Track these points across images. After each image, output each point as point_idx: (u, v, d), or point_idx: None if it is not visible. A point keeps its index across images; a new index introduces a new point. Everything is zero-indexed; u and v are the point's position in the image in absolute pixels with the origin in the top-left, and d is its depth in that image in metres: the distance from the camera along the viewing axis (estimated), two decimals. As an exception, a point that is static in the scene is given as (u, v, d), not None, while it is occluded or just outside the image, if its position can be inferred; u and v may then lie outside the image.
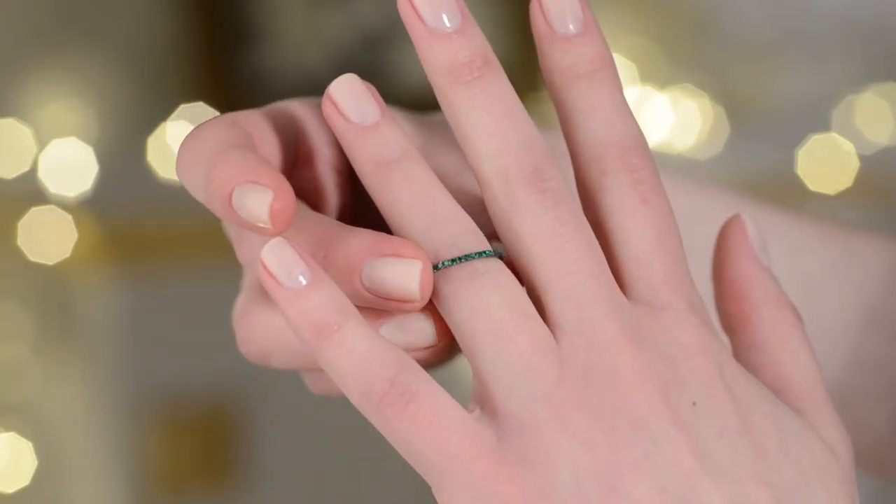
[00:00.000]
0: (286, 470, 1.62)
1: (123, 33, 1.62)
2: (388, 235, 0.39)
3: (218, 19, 1.63)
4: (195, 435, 1.61)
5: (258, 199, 0.39)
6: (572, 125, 0.42)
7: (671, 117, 1.71)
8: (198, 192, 0.42)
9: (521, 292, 0.39)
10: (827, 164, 1.76)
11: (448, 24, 0.40)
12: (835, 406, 0.42)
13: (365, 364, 0.38)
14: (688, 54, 1.77)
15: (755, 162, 1.74)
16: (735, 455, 0.38)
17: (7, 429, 1.58)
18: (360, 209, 0.45)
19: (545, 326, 0.39)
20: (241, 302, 0.45)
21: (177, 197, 1.54)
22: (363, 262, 0.39)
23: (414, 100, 1.65)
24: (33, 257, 1.56)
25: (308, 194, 0.45)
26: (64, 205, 1.53)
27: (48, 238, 1.55)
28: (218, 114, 1.75)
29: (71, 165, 1.54)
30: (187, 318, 1.56)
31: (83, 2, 1.62)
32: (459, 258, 0.39)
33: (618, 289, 0.39)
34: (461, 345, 0.40)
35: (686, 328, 0.39)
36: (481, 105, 0.40)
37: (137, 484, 1.60)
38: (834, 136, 1.76)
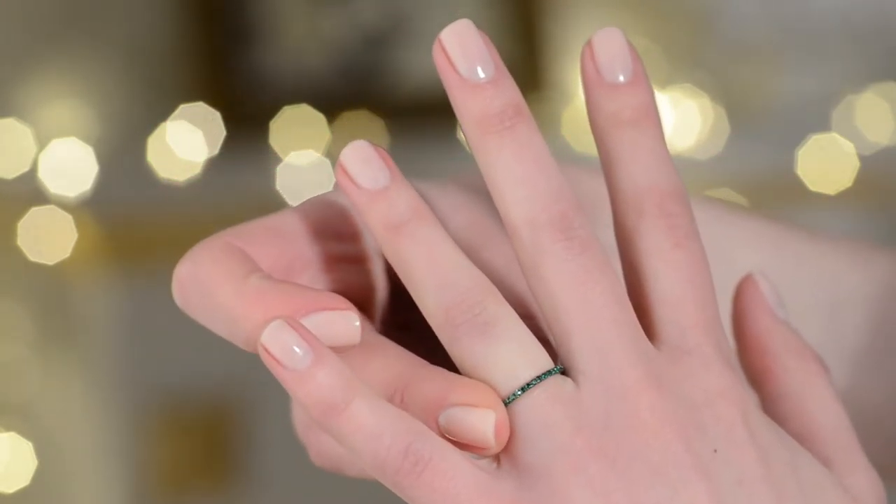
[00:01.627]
0: (286, 470, 1.62)
1: (123, 33, 1.62)
2: (463, 380, 0.40)
3: (218, 19, 1.63)
4: (195, 435, 1.61)
5: (343, 322, 0.41)
6: (613, 169, 0.42)
7: (671, 117, 1.71)
8: (220, 329, 0.42)
9: (534, 342, 0.40)
10: (827, 164, 1.76)
11: (482, 75, 0.41)
12: (864, 449, 0.42)
13: (375, 439, 0.39)
14: (688, 54, 1.77)
15: (755, 162, 1.74)
16: (754, 502, 0.38)
17: (7, 429, 1.58)
18: (400, 290, 0.46)
19: (567, 379, 0.39)
20: (304, 418, 0.46)
21: (177, 197, 1.54)
22: (439, 410, 0.39)
23: (413, 100, 1.65)
24: (33, 257, 1.56)
25: (355, 285, 0.45)
26: (64, 205, 1.53)
27: (48, 238, 1.55)
28: (218, 114, 1.74)
29: (71, 165, 1.54)
30: (187, 318, 1.55)
31: (83, 2, 1.62)
32: (519, 392, 0.39)
33: (642, 334, 0.40)
34: None
35: (711, 373, 0.40)
36: (511, 154, 0.41)
37: (137, 484, 1.60)
38: (834, 136, 1.76)
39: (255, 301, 0.41)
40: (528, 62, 1.68)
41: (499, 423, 0.39)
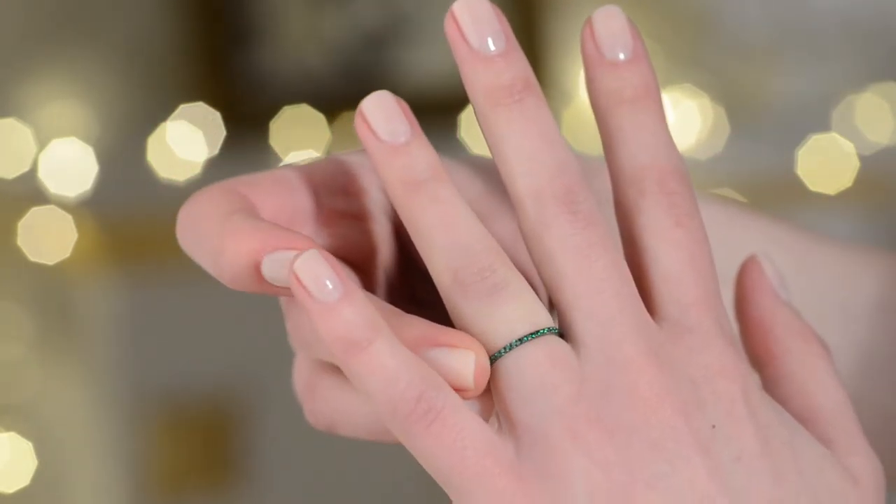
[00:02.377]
0: (286, 470, 1.62)
1: (123, 33, 1.62)
2: (442, 327, 0.40)
3: (218, 19, 1.63)
4: (195, 435, 1.61)
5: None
6: (614, 147, 0.42)
7: (671, 117, 1.71)
8: (206, 265, 0.42)
9: (540, 307, 0.40)
10: (827, 164, 1.76)
11: (492, 48, 0.41)
12: (866, 433, 0.42)
13: (392, 381, 0.39)
14: (688, 54, 1.77)
15: (755, 162, 1.74)
16: (752, 479, 0.38)
17: (7, 429, 1.58)
18: (412, 260, 0.46)
19: (565, 343, 0.39)
20: (304, 376, 0.46)
21: (177, 197, 1.54)
22: (418, 351, 0.40)
23: (413, 100, 1.65)
24: (33, 257, 1.56)
25: (358, 244, 0.45)
26: (64, 205, 1.53)
27: (48, 238, 1.55)
28: (218, 114, 1.74)
29: (71, 165, 1.54)
30: (187, 318, 1.56)
31: (83, 2, 1.62)
32: (515, 343, 0.39)
33: (644, 309, 0.40)
34: None
35: (712, 350, 0.40)
36: (519, 127, 0.41)
37: (137, 484, 1.60)
38: (834, 136, 1.76)
39: (230, 235, 0.41)
40: (529, 61, 1.68)
41: (479, 364, 0.39)
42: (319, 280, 0.38)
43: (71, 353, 1.60)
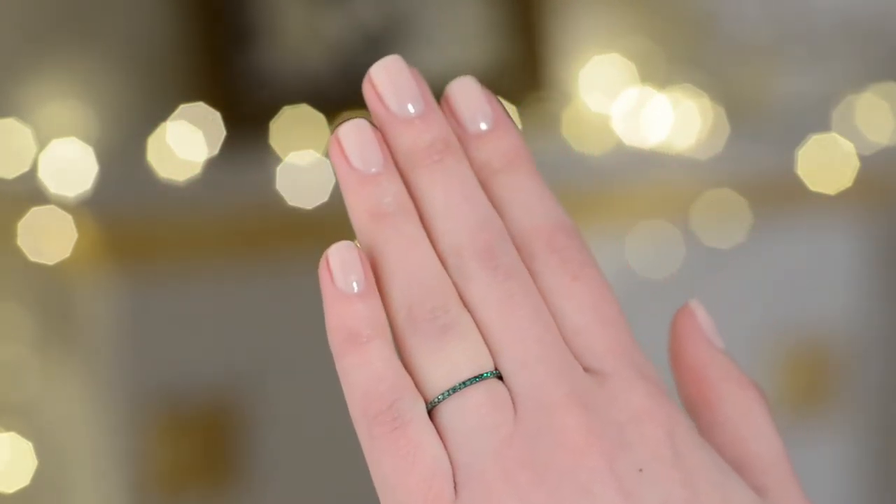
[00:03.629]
0: (286, 470, 1.62)
1: (123, 33, 1.62)
2: None
3: (218, 19, 1.63)
4: (195, 435, 1.61)
5: None
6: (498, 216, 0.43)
7: (671, 117, 1.71)
8: None
9: (484, 349, 0.40)
10: (827, 164, 1.76)
11: (411, 110, 0.42)
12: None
13: (376, 380, 0.40)
14: (688, 54, 1.77)
15: (755, 162, 1.74)
16: None
17: (7, 429, 1.58)
18: None
19: (504, 387, 0.40)
20: None
21: (177, 197, 1.54)
22: None
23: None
24: (33, 257, 1.56)
25: None
26: (64, 205, 1.53)
27: (48, 238, 1.55)
28: (218, 114, 1.73)
29: (71, 165, 1.54)
30: (187, 318, 1.56)
31: (83, 2, 1.62)
32: (459, 386, 0.40)
33: (569, 355, 0.40)
34: (423, 395, 0.41)
35: (635, 393, 0.40)
36: (440, 187, 0.42)
37: (137, 484, 1.60)
38: (834, 136, 1.76)
39: None
40: (528, 62, 1.68)
41: None
42: (345, 268, 0.40)
43: (71, 353, 1.60)
